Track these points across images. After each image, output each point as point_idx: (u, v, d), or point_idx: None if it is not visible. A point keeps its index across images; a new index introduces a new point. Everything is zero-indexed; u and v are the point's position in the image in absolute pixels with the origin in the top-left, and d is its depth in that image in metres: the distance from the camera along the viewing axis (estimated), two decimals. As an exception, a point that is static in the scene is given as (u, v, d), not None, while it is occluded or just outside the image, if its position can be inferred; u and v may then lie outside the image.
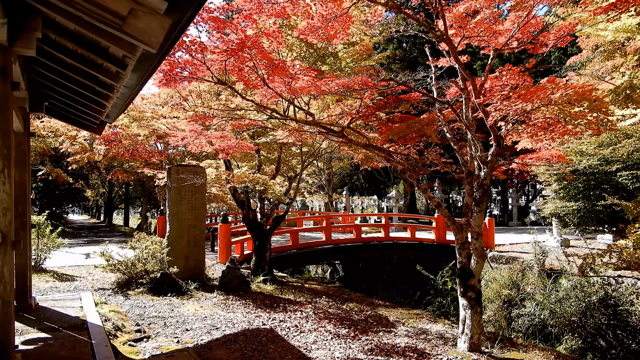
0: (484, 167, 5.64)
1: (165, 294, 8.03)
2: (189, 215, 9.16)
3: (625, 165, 11.36)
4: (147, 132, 11.17)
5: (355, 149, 10.72)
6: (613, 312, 10.10)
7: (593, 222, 12.67)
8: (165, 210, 18.52)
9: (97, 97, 5.66)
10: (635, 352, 9.54)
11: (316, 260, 14.43)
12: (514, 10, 5.96)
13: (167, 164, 16.35)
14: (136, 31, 3.44)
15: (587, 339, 9.99)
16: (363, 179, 30.20)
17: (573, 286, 10.65)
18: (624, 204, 6.21)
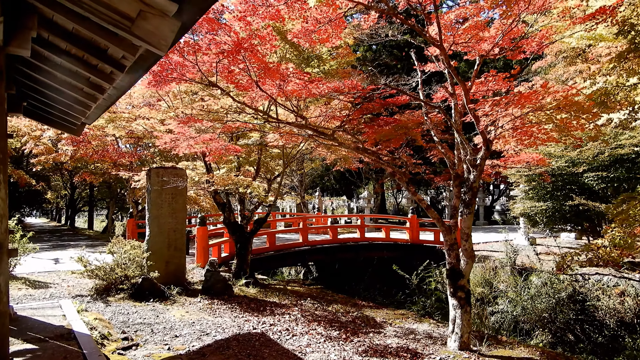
0: (473, 170, 5.80)
1: (147, 299, 7.83)
2: (170, 219, 8.96)
3: (591, 167, 11.93)
4: (123, 133, 10.85)
5: (334, 150, 10.79)
6: (581, 307, 10.57)
7: (560, 221, 13.24)
8: (134, 213, 18.10)
9: (85, 98, 5.47)
10: (602, 345, 10.01)
11: (293, 261, 14.39)
12: (500, 18, 6.16)
13: (139, 166, 15.94)
14: (145, 33, 3.36)
15: (556, 334, 10.42)
16: (334, 179, 30.40)
17: (543, 283, 11.08)
18: (605, 206, 6.52)
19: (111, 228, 22.56)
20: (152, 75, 5.67)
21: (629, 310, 10.33)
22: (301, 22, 5.56)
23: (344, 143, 6.50)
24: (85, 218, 39.16)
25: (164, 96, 10.76)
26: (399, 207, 33.76)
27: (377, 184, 25.72)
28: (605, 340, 10.10)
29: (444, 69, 6.04)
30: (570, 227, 13.99)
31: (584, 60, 19.03)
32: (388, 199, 34.68)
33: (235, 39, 5.44)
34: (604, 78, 12.07)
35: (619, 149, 11.51)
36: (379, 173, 27.21)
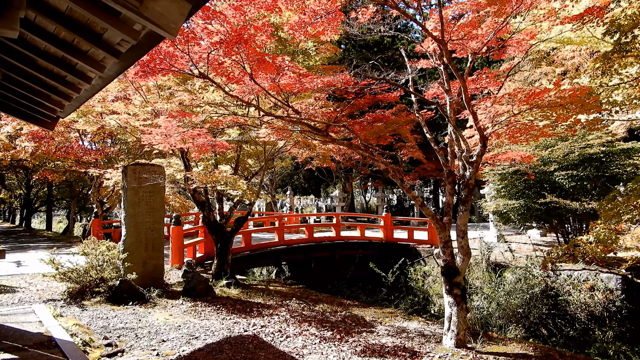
0: (469, 167, 5.80)
1: (125, 302, 7.44)
2: (147, 218, 8.56)
3: (561, 166, 12.30)
4: (95, 128, 10.29)
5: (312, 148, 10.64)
6: (554, 302, 10.86)
7: (531, 219, 13.59)
8: (99, 212, 17.31)
9: (66, 87, 5.08)
10: (573, 338, 10.32)
11: (269, 261, 14.15)
12: (492, 16, 6.18)
13: (106, 163, 15.25)
14: (154, 15, 3.12)
15: (530, 329, 10.65)
16: (303, 178, 30.22)
17: (517, 279, 11.32)
18: (599, 203, 6.68)
19: (72, 229, 21.54)
20: (141, 65, 5.34)
21: (598, 304, 10.68)
22: (298, 14, 5.38)
23: (337, 139, 6.37)
24: (41, 219, 37.31)
25: (136, 90, 10.29)
26: (367, 206, 33.98)
27: (348, 183, 25.75)
28: (576, 333, 10.41)
29: (439, 65, 6.01)
30: (539, 225, 14.40)
31: (549, 63, 19.72)
32: (356, 198, 34.81)
33: (230, 29, 5.20)
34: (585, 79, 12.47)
35: (588, 149, 11.93)
36: (349, 172, 27.28)
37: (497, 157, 7.19)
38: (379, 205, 25.34)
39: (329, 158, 11.88)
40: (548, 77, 18.58)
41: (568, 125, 5.47)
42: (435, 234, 15.90)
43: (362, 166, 23.43)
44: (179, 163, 10.72)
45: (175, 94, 9.89)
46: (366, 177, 28.67)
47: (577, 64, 17.72)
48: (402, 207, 32.41)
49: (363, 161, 22.69)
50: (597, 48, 12.58)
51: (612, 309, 10.38)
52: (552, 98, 4.96)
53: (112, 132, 10.19)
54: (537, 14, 6.95)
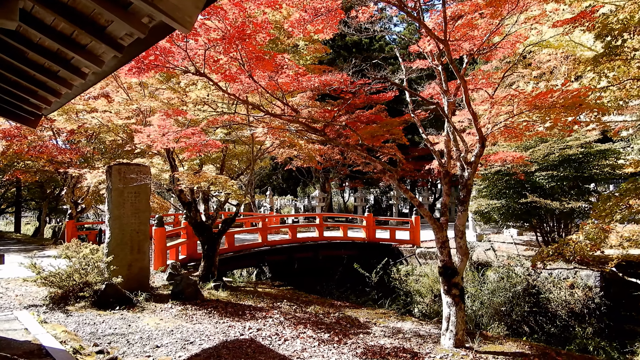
0: (467, 168, 5.82)
1: (112, 307, 7.17)
2: (133, 219, 8.29)
3: (542, 167, 12.58)
4: (75, 126, 9.88)
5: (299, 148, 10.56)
6: (535, 300, 11.06)
7: (512, 218, 13.85)
8: (73, 214, 16.72)
9: (57, 83, 4.83)
10: (554, 335, 10.53)
11: (252, 262, 13.96)
12: (488, 18, 6.23)
13: (82, 163, 14.73)
14: (169, 8, 2.99)
15: (512, 327, 10.82)
16: (281, 178, 30.02)
17: (500, 277, 11.48)
18: (595, 203, 6.82)
19: (43, 231, 20.76)
20: (135, 61, 5.14)
21: (578, 302, 10.91)
22: (299, 11, 5.29)
23: (334, 139, 6.30)
24: (6, 220, 35.88)
25: (118, 88, 9.96)
26: (345, 206, 34.06)
27: (327, 183, 25.72)
28: (557, 330, 10.62)
29: (437, 66, 6.01)
30: (520, 224, 14.68)
31: (525, 66, 20.19)
32: (333, 197, 34.84)
33: (229, 26, 5.07)
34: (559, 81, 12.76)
35: (567, 150, 12.23)
36: (327, 172, 27.26)
37: (489, 158, 7.27)
38: (357, 205, 25.40)
39: (314, 158, 11.81)
40: (525, 79, 19.03)
41: (565, 125, 5.57)
42: (416, 233, 16.10)
43: (341, 166, 23.46)
44: (162, 163, 10.46)
45: (158, 92, 9.64)
46: (345, 177, 28.74)
47: (552, 67, 18.18)
48: (380, 207, 32.62)
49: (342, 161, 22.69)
50: (572, 52, 12.93)
51: (592, 305, 10.61)
52: (555, 99, 5.04)
53: (94, 130, 9.80)
54: (529, 15, 7.06)
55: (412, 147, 21.74)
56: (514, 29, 6.83)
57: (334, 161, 20.77)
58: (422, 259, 14.66)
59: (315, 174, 25.67)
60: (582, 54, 12.51)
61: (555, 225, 13.91)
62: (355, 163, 21.40)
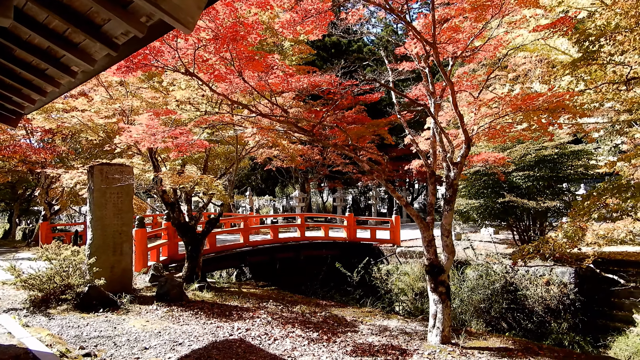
0: (453, 168, 5.96)
1: (95, 310, 7.05)
2: (115, 220, 8.15)
3: (518, 167, 12.94)
4: (54, 125, 9.63)
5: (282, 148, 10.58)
6: (513, 297, 11.36)
7: (490, 217, 14.18)
8: (47, 215, 16.29)
9: (44, 80, 4.73)
10: (531, 330, 10.83)
11: (234, 263, 13.87)
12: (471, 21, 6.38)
13: (58, 163, 14.37)
14: (171, 7, 2.99)
15: (491, 323, 11.09)
16: (260, 179, 29.91)
17: (479, 275, 11.75)
18: (575, 202, 7.05)
19: (15, 233, 20.14)
20: (125, 60, 5.08)
21: (554, 298, 11.24)
22: (290, 13, 5.32)
23: (322, 140, 6.35)
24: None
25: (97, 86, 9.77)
26: (324, 206, 34.16)
27: (307, 184, 25.76)
28: (534, 326, 10.92)
29: (424, 68, 6.13)
30: (497, 223, 15.03)
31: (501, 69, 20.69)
32: (312, 198, 34.90)
33: (220, 26, 5.07)
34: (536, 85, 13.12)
35: (543, 150, 12.61)
36: (306, 173, 27.29)
37: (472, 159, 7.45)
38: (337, 205, 25.53)
39: (296, 158, 11.84)
40: (501, 81, 19.51)
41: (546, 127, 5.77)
42: (396, 233, 16.30)
43: (320, 166, 23.53)
44: (142, 163, 10.32)
45: (139, 90, 9.50)
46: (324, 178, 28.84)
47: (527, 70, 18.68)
48: (359, 207, 32.82)
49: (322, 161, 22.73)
50: (547, 55, 13.33)
51: (567, 301, 10.95)
52: (539, 103, 5.22)
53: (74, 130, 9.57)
54: (510, 20, 7.27)
55: (390, 148, 21.99)
56: (495, 32, 7.03)
57: (313, 161, 20.83)
58: (402, 258, 14.86)
59: (295, 174, 25.68)
60: (556, 57, 12.91)
61: (530, 223, 14.31)
62: (335, 163, 21.55)
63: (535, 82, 14.21)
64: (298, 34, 5.70)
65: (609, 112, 12.53)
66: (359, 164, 6.19)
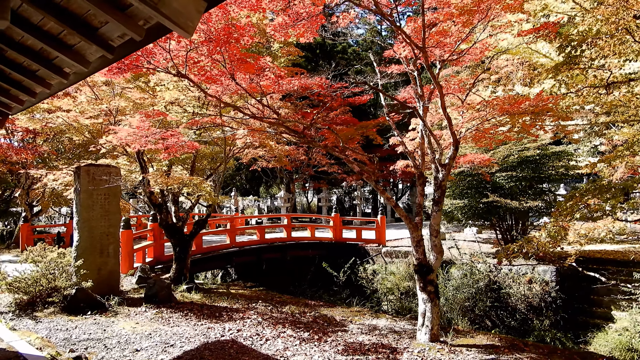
0: (442, 169, 6.08)
1: (83, 312, 6.98)
2: (103, 222, 8.08)
3: (502, 168, 13.19)
4: (38, 126, 9.47)
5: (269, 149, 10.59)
6: (497, 295, 11.57)
7: (474, 217, 14.42)
8: (28, 216, 15.98)
9: (34, 81, 4.68)
10: (514, 328, 11.06)
11: (220, 264, 13.82)
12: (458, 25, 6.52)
13: (39, 163, 14.13)
14: (171, 11, 3.02)
15: (475, 321, 11.29)
16: (245, 179, 29.82)
17: (464, 274, 11.94)
18: (559, 202, 7.24)
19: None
20: (116, 62, 5.06)
21: (536, 296, 11.48)
22: (282, 16, 5.37)
23: (313, 142, 6.41)
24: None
25: (80, 86, 9.66)
26: (309, 207, 34.22)
27: (292, 184, 25.78)
28: (517, 323, 11.15)
29: (412, 71, 6.24)
30: (481, 223, 15.28)
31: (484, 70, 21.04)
32: (297, 198, 34.92)
33: (212, 28, 5.09)
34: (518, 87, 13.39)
35: (525, 151, 12.89)
36: (291, 173, 27.31)
37: (458, 160, 7.60)
38: (322, 205, 25.61)
39: (284, 158, 11.87)
40: (484, 83, 19.86)
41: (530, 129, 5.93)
42: (382, 233, 16.44)
43: (305, 167, 23.59)
44: (127, 164, 10.24)
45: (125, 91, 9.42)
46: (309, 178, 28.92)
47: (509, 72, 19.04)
48: (343, 207, 32.96)
49: (307, 162, 22.73)
50: (529, 59, 13.63)
51: (548, 299, 11.19)
52: (526, 106, 5.37)
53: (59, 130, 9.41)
54: (495, 24, 7.43)
55: (375, 148, 22.18)
56: (481, 36, 7.19)
57: (299, 162, 20.88)
58: (387, 258, 15.00)
59: (280, 174, 25.67)
60: (537, 60, 13.21)
61: (513, 223, 14.60)
62: (320, 164, 21.66)
63: (517, 85, 14.51)
64: (289, 36, 5.75)
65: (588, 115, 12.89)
66: (348, 165, 6.27)
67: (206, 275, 15.28)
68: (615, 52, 6.79)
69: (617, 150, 7.61)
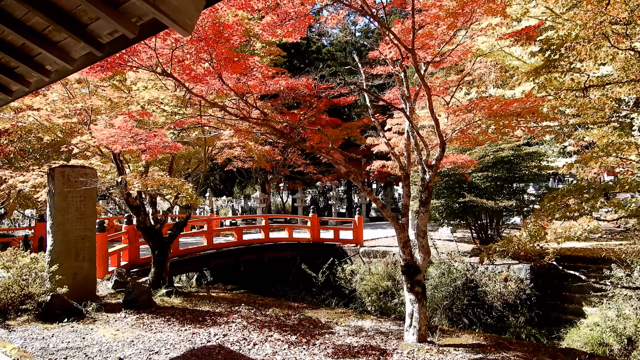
0: (428, 171, 6.12)
1: (60, 319, 6.70)
2: (78, 225, 7.78)
3: (477, 168, 13.44)
4: (9, 125, 9.02)
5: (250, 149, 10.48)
6: (474, 293, 11.78)
7: (451, 217, 14.64)
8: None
9: (12, 79, 4.44)
10: (491, 325, 11.28)
11: (197, 266, 13.55)
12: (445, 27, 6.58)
13: (5, 164, 13.51)
14: (170, 9, 2.91)
15: (452, 319, 11.47)
16: (219, 179, 29.43)
17: (442, 273, 12.10)
18: (541, 203, 7.38)
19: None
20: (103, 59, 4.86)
21: (511, 294, 11.73)
22: (271, 15, 5.28)
23: (299, 142, 6.34)
24: None
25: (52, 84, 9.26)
26: (284, 207, 34.07)
27: (268, 184, 25.58)
28: (493, 321, 11.37)
29: (399, 73, 6.26)
30: (457, 222, 15.53)
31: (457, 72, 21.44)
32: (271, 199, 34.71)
33: (199, 26, 4.97)
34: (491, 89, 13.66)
35: (500, 152, 13.17)
36: (266, 174, 27.12)
37: (441, 161, 7.65)
38: (298, 205, 25.53)
39: (263, 159, 11.75)
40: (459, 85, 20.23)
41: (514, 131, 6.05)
42: (359, 233, 16.50)
43: (281, 167, 23.43)
44: (101, 164, 9.93)
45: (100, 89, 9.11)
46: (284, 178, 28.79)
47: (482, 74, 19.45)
48: (318, 207, 32.94)
49: (283, 162, 22.56)
50: (502, 61, 13.93)
51: (523, 296, 11.45)
52: (514, 108, 5.47)
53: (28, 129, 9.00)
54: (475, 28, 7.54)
55: (350, 148, 22.26)
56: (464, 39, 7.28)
57: (274, 162, 20.73)
58: (366, 258, 15.05)
59: (256, 174, 25.43)
60: (510, 63, 13.50)
61: (487, 222, 14.91)
62: (296, 164, 21.56)
63: (490, 86, 14.81)
64: (277, 36, 5.67)
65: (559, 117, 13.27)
66: (335, 165, 6.22)
67: (180, 278, 15.00)
68: (591, 57, 7.00)
69: (593, 152, 7.84)
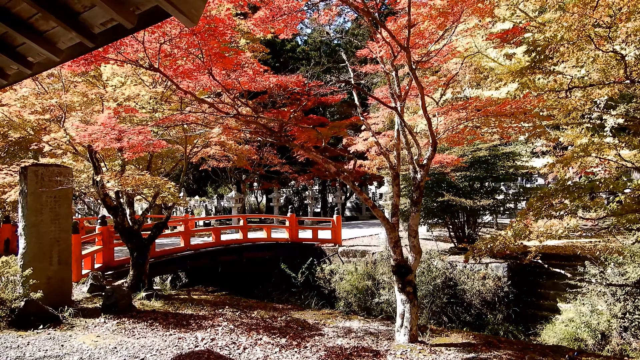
0: (420, 170, 6.09)
1: (35, 326, 6.35)
2: (52, 227, 7.41)
3: (455, 168, 13.59)
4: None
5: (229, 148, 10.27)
6: (453, 292, 11.91)
7: (430, 216, 14.76)
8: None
9: (-11, 72, 4.13)
10: (470, 323, 11.43)
11: (175, 268, 13.20)
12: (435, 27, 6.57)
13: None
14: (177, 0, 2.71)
15: (432, 317, 11.57)
16: (193, 179, 28.88)
17: (421, 272, 12.17)
18: (527, 203, 7.47)
19: None
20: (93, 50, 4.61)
21: (489, 291, 11.91)
22: (264, 9, 5.14)
23: (289, 140, 6.21)
24: None
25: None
26: (258, 207, 33.75)
27: (243, 184, 25.25)
28: (472, 318, 11.53)
29: (390, 71, 6.22)
30: (435, 221, 15.68)
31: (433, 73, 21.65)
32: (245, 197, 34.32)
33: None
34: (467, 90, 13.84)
35: (478, 152, 13.34)
36: (241, 173, 26.76)
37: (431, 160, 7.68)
38: (274, 205, 25.32)
39: (244, 159, 11.54)
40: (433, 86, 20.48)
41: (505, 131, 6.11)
42: (338, 232, 16.46)
43: (257, 166, 23.14)
44: (74, 163, 9.53)
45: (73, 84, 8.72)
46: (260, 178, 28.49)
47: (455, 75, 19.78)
48: (293, 206, 32.77)
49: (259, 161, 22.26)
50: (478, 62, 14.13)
51: (501, 294, 11.64)
52: (509, 109, 5.50)
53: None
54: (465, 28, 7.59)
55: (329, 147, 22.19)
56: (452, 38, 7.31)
57: (250, 161, 20.46)
58: (344, 257, 15.02)
59: (231, 174, 25.06)
60: (486, 64, 13.70)
61: (465, 221, 15.11)
62: (272, 163, 21.34)
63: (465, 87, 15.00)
64: (268, 32, 5.52)
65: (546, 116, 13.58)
66: (324, 165, 6.13)
67: (154, 280, 14.59)
68: (573, 58, 7.13)
69: (573, 151, 8.02)
